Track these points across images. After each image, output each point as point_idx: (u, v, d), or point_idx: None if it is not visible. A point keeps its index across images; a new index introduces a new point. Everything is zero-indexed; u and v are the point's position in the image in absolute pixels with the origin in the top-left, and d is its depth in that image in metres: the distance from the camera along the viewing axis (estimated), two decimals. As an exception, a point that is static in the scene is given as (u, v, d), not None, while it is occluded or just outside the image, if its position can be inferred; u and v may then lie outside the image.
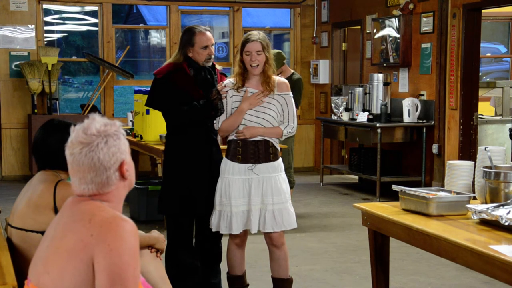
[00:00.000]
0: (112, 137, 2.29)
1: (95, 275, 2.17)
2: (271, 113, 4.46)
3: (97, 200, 2.30)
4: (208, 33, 4.60)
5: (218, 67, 4.80)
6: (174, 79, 4.57)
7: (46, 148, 3.43)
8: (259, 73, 4.46)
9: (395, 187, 3.66)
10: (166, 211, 4.74)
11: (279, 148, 4.56)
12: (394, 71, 9.40)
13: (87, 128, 2.29)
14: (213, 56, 4.62)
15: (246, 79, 4.50)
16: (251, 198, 4.41)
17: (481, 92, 8.91)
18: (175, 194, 4.63)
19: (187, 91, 4.56)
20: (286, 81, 4.58)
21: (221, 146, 4.87)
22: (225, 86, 4.52)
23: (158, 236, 3.59)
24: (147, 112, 7.23)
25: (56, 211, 3.26)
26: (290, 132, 4.52)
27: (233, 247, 4.57)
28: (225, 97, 4.50)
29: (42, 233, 3.22)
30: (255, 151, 4.43)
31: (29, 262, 2.43)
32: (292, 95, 4.56)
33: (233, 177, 4.43)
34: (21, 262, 3.22)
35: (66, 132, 3.23)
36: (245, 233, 4.54)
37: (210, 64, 4.63)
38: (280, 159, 4.57)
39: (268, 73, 4.45)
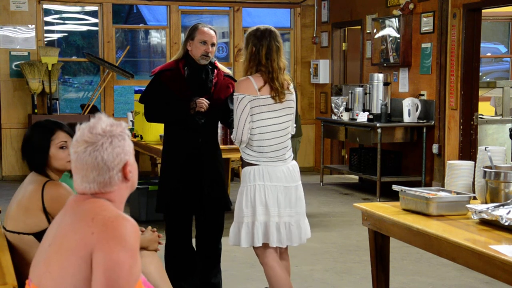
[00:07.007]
0: (117, 138, 2.29)
1: (92, 272, 2.17)
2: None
3: (100, 198, 2.30)
4: (211, 31, 4.61)
5: (225, 69, 4.77)
6: (163, 77, 4.61)
7: (29, 149, 3.36)
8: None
9: (395, 187, 3.65)
10: (160, 209, 4.74)
11: (245, 157, 4.15)
12: (394, 71, 9.40)
13: (93, 127, 2.29)
14: (210, 55, 4.58)
15: None
16: None
17: (481, 92, 8.91)
18: (166, 193, 4.65)
19: (173, 90, 4.57)
20: (242, 79, 4.11)
21: (222, 146, 4.84)
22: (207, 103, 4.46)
23: (151, 238, 3.57)
24: (147, 112, 7.23)
25: (45, 212, 3.24)
26: (232, 138, 4.15)
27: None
28: (204, 110, 4.47)
29: (34, 234, 3.21)
30: None
31: (26, 263, 2.42)
32: (235, 95, 4.09)
33: None
34: (18, 263, 3.20)
35: (48, 131, 3.24)
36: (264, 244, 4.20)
37: (206, 62, 4.59)
38: (245, 169, 4.14)
39: None
